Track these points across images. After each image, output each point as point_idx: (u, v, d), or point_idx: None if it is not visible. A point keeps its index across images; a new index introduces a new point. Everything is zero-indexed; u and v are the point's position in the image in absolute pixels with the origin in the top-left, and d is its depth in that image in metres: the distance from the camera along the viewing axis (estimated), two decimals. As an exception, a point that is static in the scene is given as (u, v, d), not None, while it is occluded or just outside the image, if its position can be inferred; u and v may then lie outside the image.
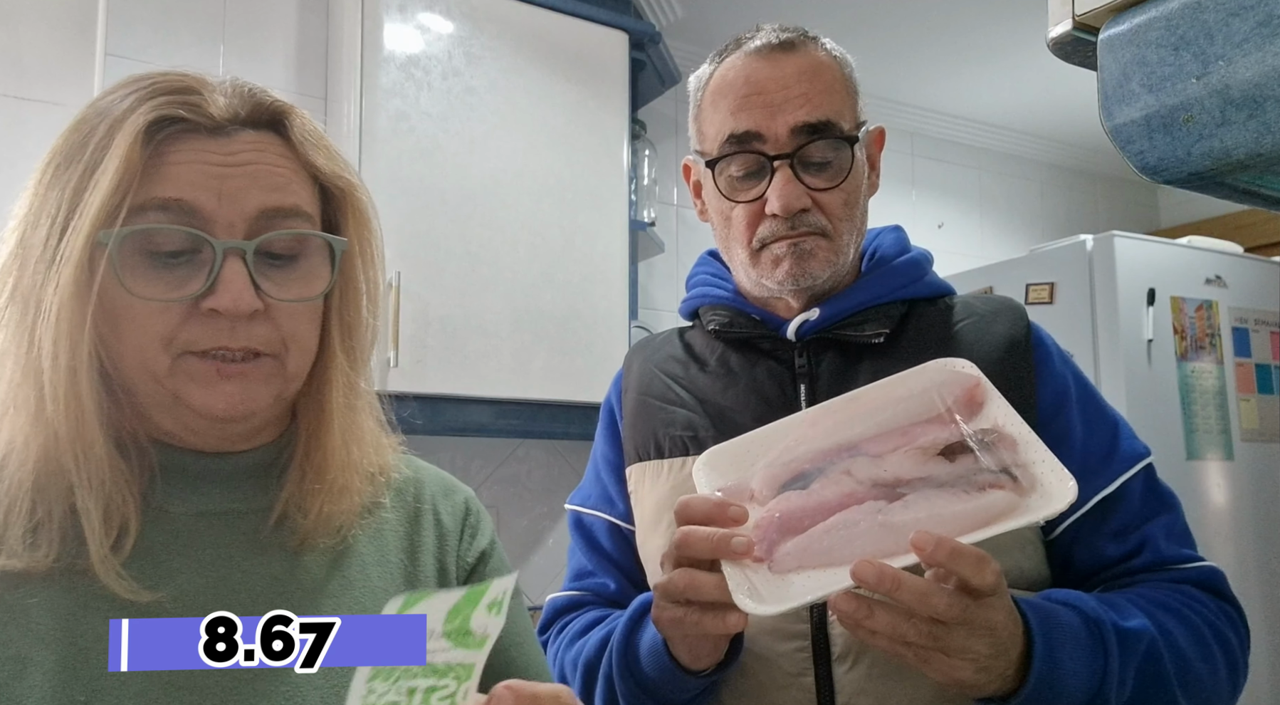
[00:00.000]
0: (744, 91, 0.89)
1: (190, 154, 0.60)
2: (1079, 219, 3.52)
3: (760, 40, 0.92)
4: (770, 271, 0.90)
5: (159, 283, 0.59)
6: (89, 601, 0.58)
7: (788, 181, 0.87)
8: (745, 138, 0.88)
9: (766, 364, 0.93)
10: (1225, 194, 0.45)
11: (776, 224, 0.88)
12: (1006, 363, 0.88)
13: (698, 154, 0.95)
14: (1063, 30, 0.46)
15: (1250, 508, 2.40)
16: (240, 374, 0.61)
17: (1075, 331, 2.35)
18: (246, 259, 0.60)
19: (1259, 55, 0.37)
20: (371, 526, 0.72)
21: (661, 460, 0.93)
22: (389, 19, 1.85)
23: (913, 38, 2.66)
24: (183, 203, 0.59)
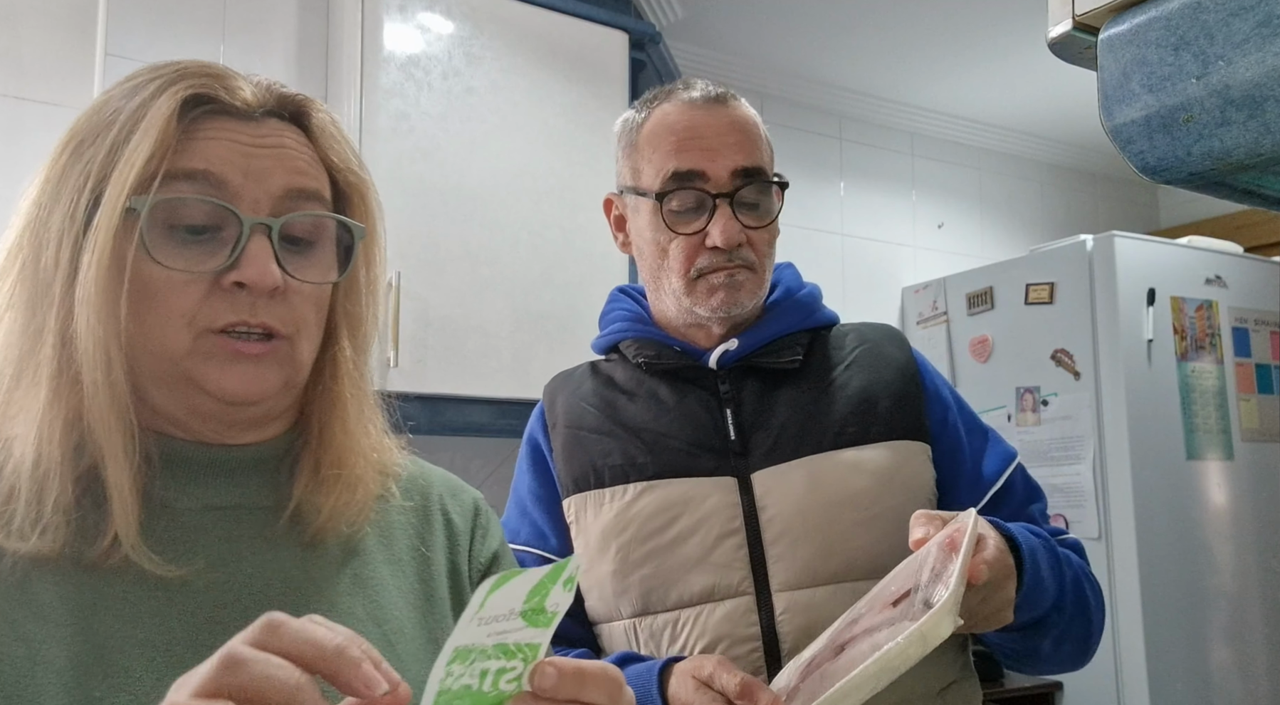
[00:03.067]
0: (685, 135, 0.98)
1: (220, 132, 0.62)
2: (1079, 219, 3.53)
3: (696, 93, 1.01)
4: (704, 299, 0.98)
5: (184, 256, 0.60)
6: (100, 595, 0.58)
7: (729, 218, 0.96)
8: (689, 176, 0.97)
9: (693, 392, 1.01)
10: (1225, 194, 0.45)
11: (716, 256, 0.97)
12: (897, 384, 1.01)
13: (630, 191, 1.03)
14: (1063, 30, 0.46)
15: (1250, 507, 2.40)
16: (255, 356, 0.62)
17: (1075, 331, 2.35)
18: (271, 236, 0.61)
19: (1259, 55, 0.37)
20: (381, 523, 0.72)
21: (603, 489, 0.98)
22: (389, 19, 1.85)
23: (913, 38, 2.66)
24: (211, 175, 0.60)
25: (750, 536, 0.93)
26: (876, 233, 3.09)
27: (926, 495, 0.98)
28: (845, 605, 0.88)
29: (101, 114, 0.61)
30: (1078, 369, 2.35)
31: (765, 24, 2.57)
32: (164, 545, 0.60)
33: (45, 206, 0.60)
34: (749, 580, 0.92)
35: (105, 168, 0.59)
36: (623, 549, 0.95)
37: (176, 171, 0.60)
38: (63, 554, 0.57)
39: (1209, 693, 2.25)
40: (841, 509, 0.93)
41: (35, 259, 0.60)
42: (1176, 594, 2.24)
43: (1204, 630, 2.27)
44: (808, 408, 0.99)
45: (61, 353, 0.58)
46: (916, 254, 3.16)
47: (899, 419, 0.99)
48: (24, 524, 0.57)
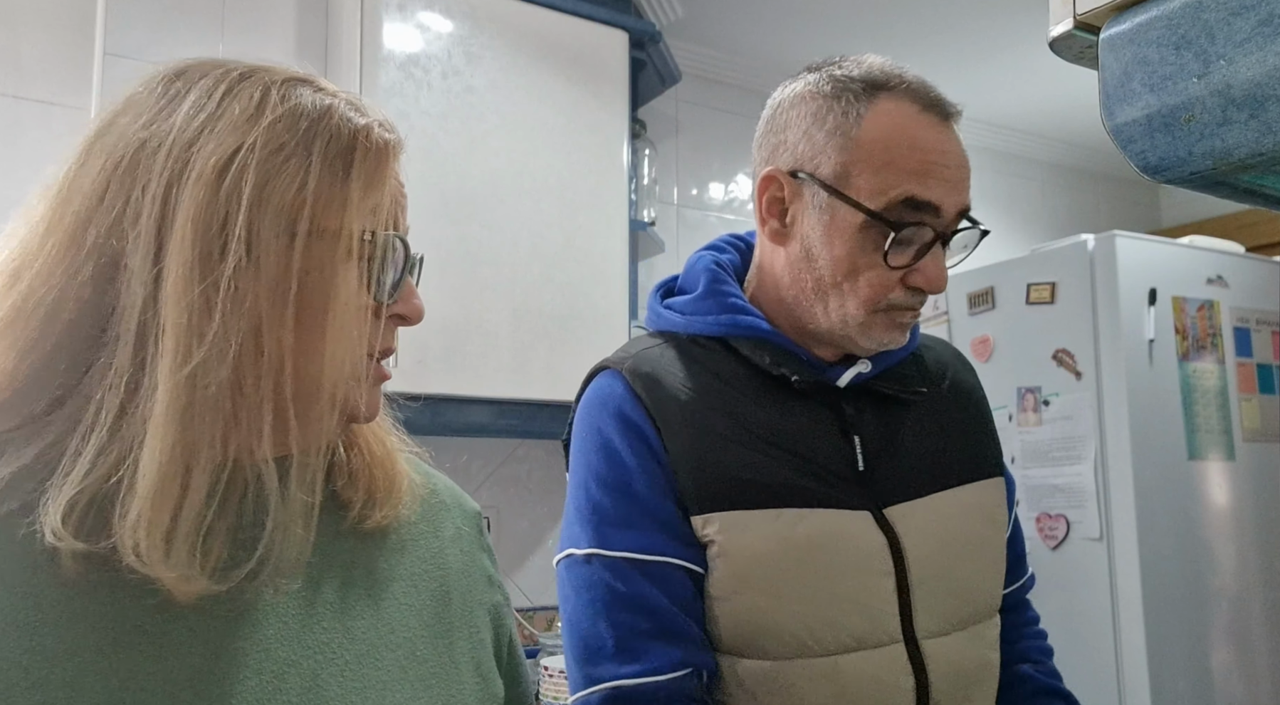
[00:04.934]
0: (934, 158, 0.85)
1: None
2: (1080, 218, 3.52)
3: (933, 96, 0.89)
4: (879, 333, 0.88)
5: (360, 289, 0.61)
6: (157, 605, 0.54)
7: (943, 263, 0.87)
8: (925, 208, 0.84)
9: (817, 408, 0.91)
10: (1226, 194, 0.45)
11: (913, 297, 0.87)
12: (981, 418, 1.00)
13: (821, 185, 0.87)
14: (1064, 29, 0.46)
15: (1252, 508, 2.40)
16: (384, 378, 0.66)
17: (1076, 331, 2.35)
18: (419, 270, 0.67)
19: (1260, 55, 0.37)
20: (394, 537, 0.69)
21: (750, 511, 0.84)
22: (388, 18, 1.85)
23: (913, 37, 2.66)
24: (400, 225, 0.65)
25: (899, 578, 0.86)
26: (877, 232, 3.09)
27: (1006, 532, 0.98)
28: (977, 651, 0.89)
29: (293, 129, 0.59)
30: (1079, 369, 2.35)
31: (766, 23, 2.56)
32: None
33: (214, 208, 0.56)
34: (899, 626, 0.85)
35: (307, 194, 0.58)
36: (776, 581, 0.83)
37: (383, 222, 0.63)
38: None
39: (1210, 693, 2.25)
40: (970, 553, 0.91)
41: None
42: (1178, 594, 2.24)
43: (1206, 630, 2.27)
44: (926, 440, 0.93)
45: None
46: (917, 254, 3.16)
47: (987, 454, 0.97)
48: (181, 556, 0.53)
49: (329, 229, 0.57)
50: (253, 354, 0.55)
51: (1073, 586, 2.27)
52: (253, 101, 0.57)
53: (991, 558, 0.94)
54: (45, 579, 0.52)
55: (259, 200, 0.55)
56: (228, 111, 0.57)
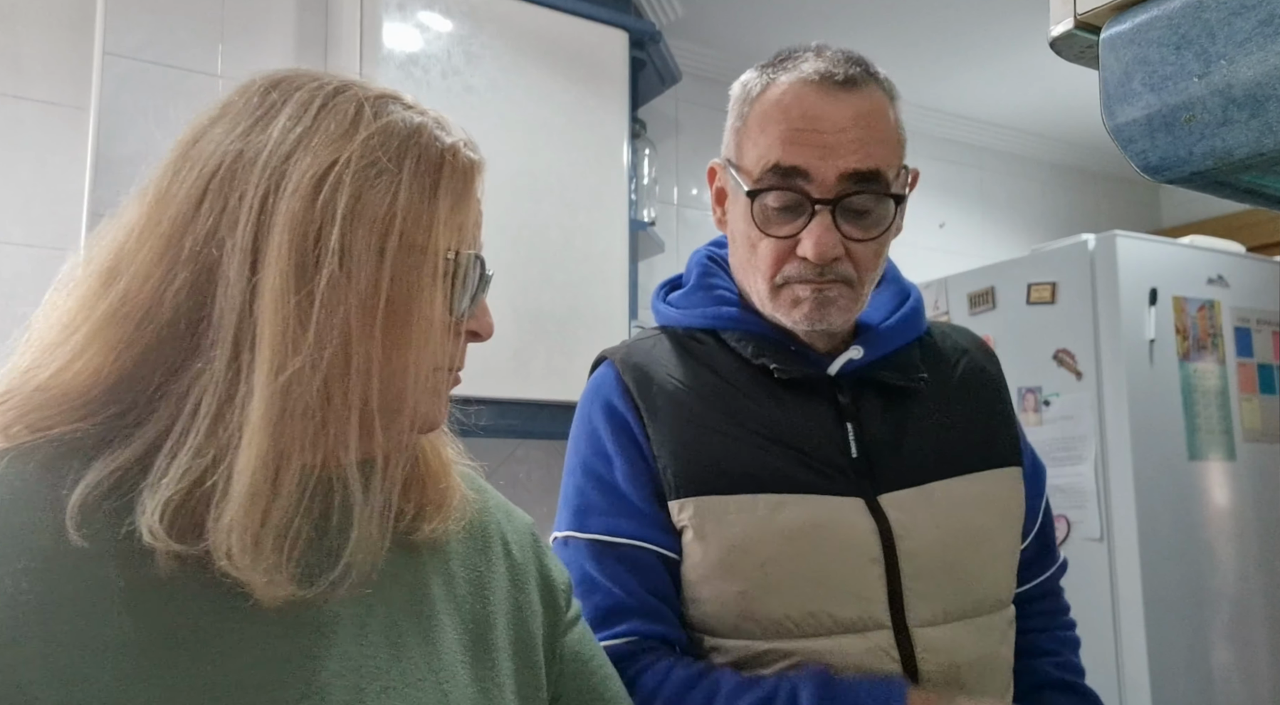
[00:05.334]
0: (798, 124, 0.84)
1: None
2: (1081, 218, 3.52)
3: (822, 67, 0.86)
4: (787, 310, 0.89)
5: (442, 302, 0.62)
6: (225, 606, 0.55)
7: (826, 229, 0.84)
8: (791, 172, 0.84)
9: (811, 400, 0.91)
10: (1227, 194, 0.45)
11: (805, 267, 0.86)
12: (998, 406, 0.98)
13: (730, 165, 0.91)
14: (1064, 29, 0.46)
15: (1252, 508, 2.40)
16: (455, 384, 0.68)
17: (1077, 331, 2.35)
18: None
19: (1261, 54, 0.37)
20: (441, 552, 0.68)
21: (728, 496, 0.86)
22: (388, 18, 1.84)
23: (913, 37, 2.66)
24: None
25: (889, 567, 0.85)
26: (877, 232, 3.09)
27: (1021, 522, 0.96)
28: (977, 643, 0.86)
29: (389, 147, 0.60)
30: (1079, 369, 2.35)
31: (766, 23, 2.56)
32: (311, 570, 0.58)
33: (312, 222, 0.57)
34: (887, 613, 0.84)
35: (415, 213, 0.60)
36: (758, 568, 0.84)
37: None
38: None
39: (1211, 693, 2.24)
40: (975, 543, 0.89)
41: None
42: (1178, 594, 2.24)
43: (1206, 631, 2.27)
44: (929, 428, 0.92)
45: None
46: (918, 253, 3.15)
47: (1003, 442, 0.95)
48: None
49: (417, 244, 0.58)
50: (342, 365, 0.56)
51: (1073, 587, 2.26)
52: (347, 117, 0.59)
53: (1000, 549, 0.92)
54: (120, 575, 0.52)
55: (352, 214, 0.56)
56: (323, 126, 0.58)
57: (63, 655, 0.49)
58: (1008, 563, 0.93)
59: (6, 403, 0.55)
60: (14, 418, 0.55)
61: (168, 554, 0.52)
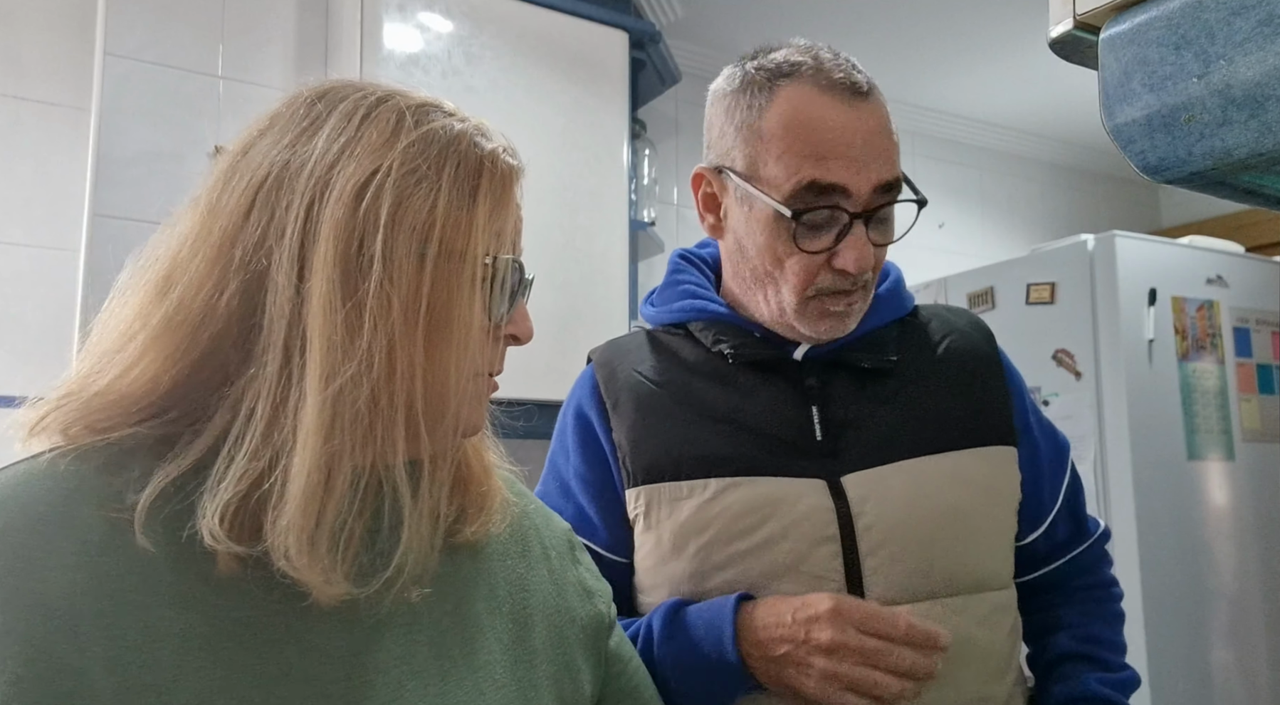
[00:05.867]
0: (830, 138, 0.84)
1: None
2: (1080, 218, 3.52)
3: (838, 77, 0.87)
4: (814, 322, 0.89)
5: (479, 312, 0.63)
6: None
7: (864, 242, 0.86)
8: (829, 191, 0.84)
9: (776, 384, 0.92)
10: (1226, 194, 0.45)
11: (839, 279, 0.87)
12: (989, 383, 0.95)
13: (741, 178, 0.89)
14: (1063, 29, 0.46)
15: (1251, 508, 2.40)
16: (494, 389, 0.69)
17: (1076, 331, 2.35)
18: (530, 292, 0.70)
19: (1260, 55, 0.37)
20: (480, 554, 0.70)
21: (680, 482, 0.88)
22: (388, 18, 1.85)
23: (913, 37, 2.66)
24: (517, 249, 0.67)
25: (845, 545, 0.85)
26: (877, 232, 3.09)
27: (1014, 505, 0.93)
28: (944, 623, 0.83)
29: (428, 153, 0.61)
30: (1079, 369, 2.35)
31: (766, 23, 2.56)
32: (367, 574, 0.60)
33: (354, 228, 0.58)
34: (844, 592, 0.84)
35: (452, 218, 0.61)
36: (704, 549, 0.86)
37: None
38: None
39: (1210, 693, 2.24)
40: (945, 521, 0.87)
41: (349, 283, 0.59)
42: (1177, 594, 2.24)
43: (1205, 630, 2.27)
44: (902, 407, 0.91)
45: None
46: (917, 253, 3.16)
47: (991, 422, 0.92)
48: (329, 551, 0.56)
49: (456, 250, 0.59)
50: (387, 370, 0.57)
51: (1072, 586, 2.27)
52: (389, 125, 0.60)
53: (977, 529, 0.89)
54: (173, 570, 0.54)
55: (393, 221, 0.57)
56: (366, 135, 0.59)
57: (121, 645, 0.51)
58: (989, 543, 0.90)
59: (65, 406, 0.57)
60: (74, 419, 0.57)
61: (228, 556, 0.54)
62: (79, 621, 0.51)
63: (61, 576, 0.51)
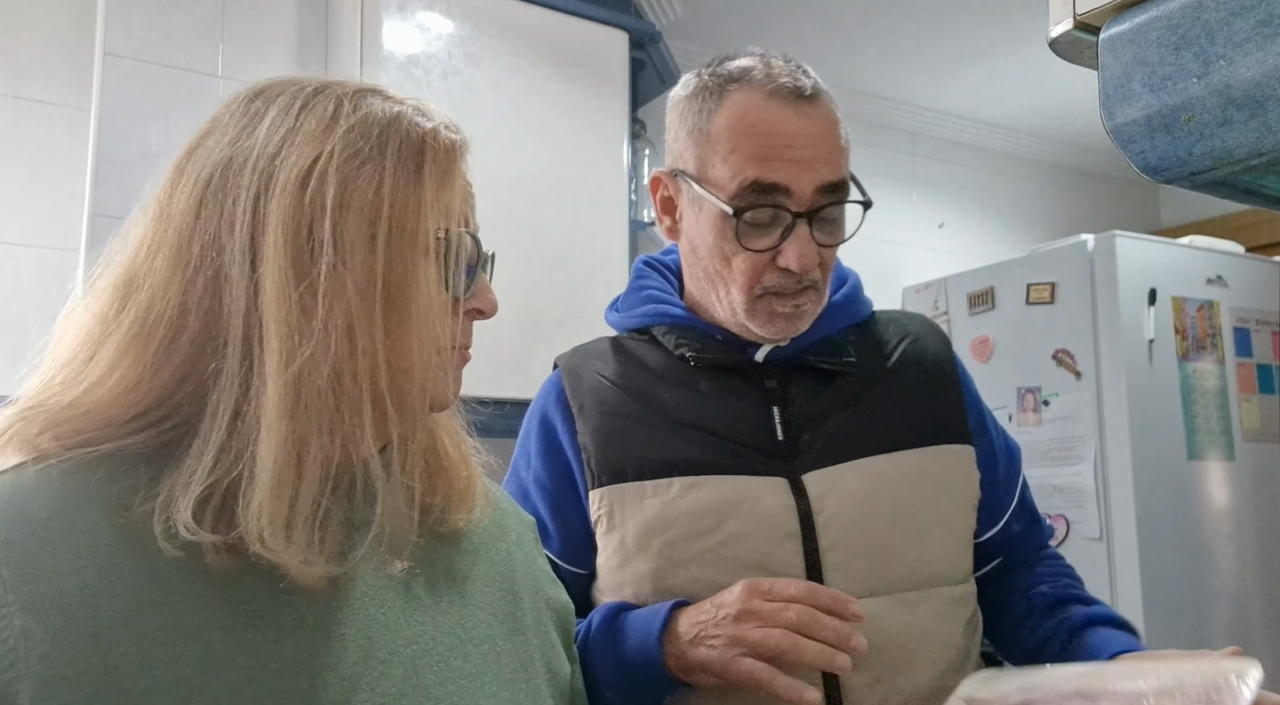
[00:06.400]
0: (775, 140, 0.87)
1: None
2: (1080, 219, 3.52)
3: (783, 82, 0.89)
4: (765, 322, 0.92)
5: (438, 286, 0.63)
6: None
7: (807, 241, 0.88)
8: (771, 189, 0.87)
9: (737, 386, 0.94)
10: (1226, 194, 0.45)
11: (786, 278, 0.90)
12: (943, 384, 0.98)
13: (693, 180, 0.93)
14: (1064, 29, 0.46)
15: (1251, 508, 2.40)
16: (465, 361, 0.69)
17: (1076, 331, 2.35)
18: (490, 267, 0.70)
19: (1260, 55, 0.37)
20: (472, 538, 0.72)
21: (644, 482, 0.90)
22: (388, 18, 1.85)
23: (913, 37, 2.66)
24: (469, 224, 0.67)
25: (806, 541, 0.87)
26: (877, 232, 3.09)
27: (973, 502, 0.95)
28: (899, 618, 0.86)
29: (368, 136, 0.62)
30: (1079, 369, 2.35)
31: (766, 23, 2.56)
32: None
33: (304, 219, 0.60)
34: None
35: (400, 198, 0.62)
36: (667, 547, 0.88)
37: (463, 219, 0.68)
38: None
39: (1210, 693, 2.25)
40: (900, 517, 0.89)
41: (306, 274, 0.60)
42: (1178, 594, 2.24)
43: (1206, 631, 2.27)
44: (859, 408, 0.93)
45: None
46: (917, 254, 3.16)
47: (945, 421, 0.95)
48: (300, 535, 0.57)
49: (406, 228, 0.60)
50: (348, 351, 0.58)
51: (1072, 586, 2.28)
52: (327, 113, 0.61)
53: (934, 523, 0.90)
54: (183, 568, 0.55)
55: (340, 205, 0.58)
56: (305, 124, 0.60)
57: (146, 642, 0.52)
58: (945, 538, 0.92)
59: (30, 417, 0.57)
60: (41, 429, 0.57)
61: (214, 547, 0.55)
62: (100, 623, 0.52)
63: (75, 580, 0.52)
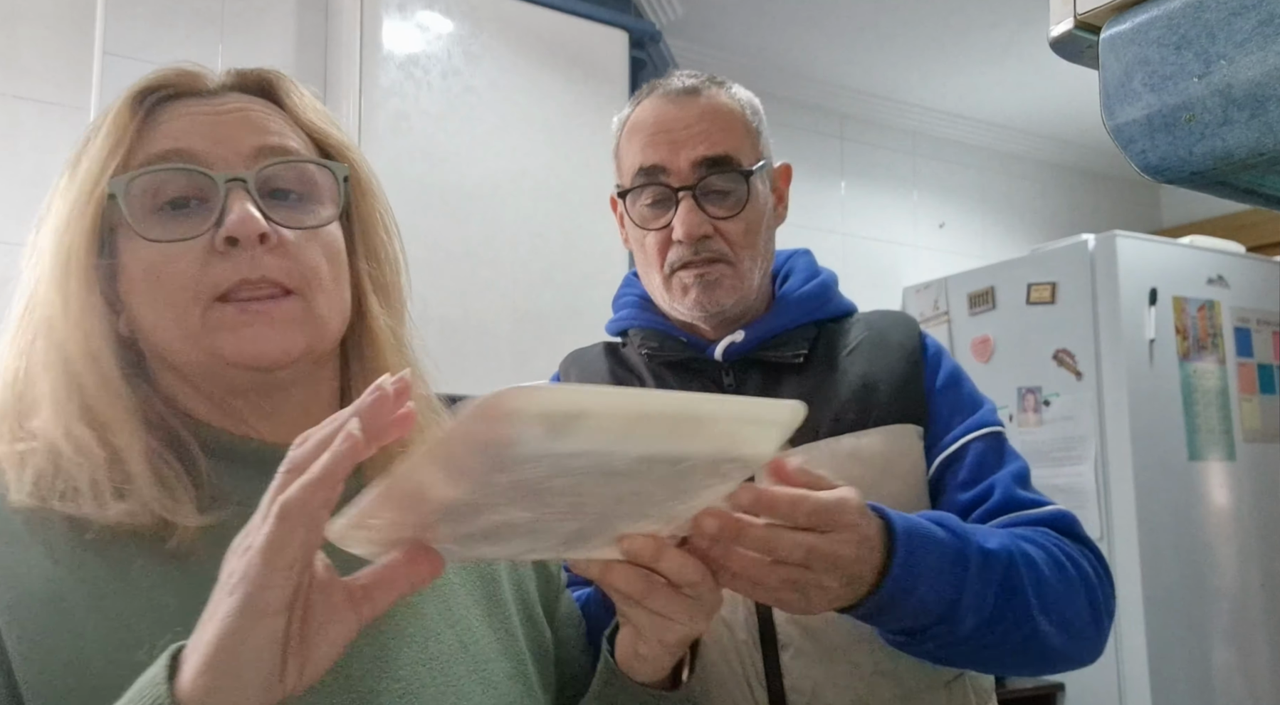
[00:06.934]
0: (652, 129, 0.98)
1: (181, 111, 0.63)
2: (1081, 218, 3.52)
3: (673, 85, 1.00)
4: (680, 298, 0.97)
5: (171, 230, 0.60)
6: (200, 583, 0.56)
7: (690, 210, 0.95)
8: (653, 171, 0.97)
9: (696, 383, 1.00)
10: (1227, 194, 0.45)
11: (682, 250, 0.96)
12: (899, 369, 0.98)
13: (617, 187, 1.04)
14: (1064, 29, 0.46)
15: (1252, 508, 2.40)
16: (265, 313, 0.60)
17: (1077, 331, 2.35)
18: (249, 187, 0.61)
19: (1261, 54, 0.37)
20: None
21: None
22: (388, 18, 1.85)
23: (914, 37, 2.66)
24: (180, 152, 0.61)
25: None
26: (878, 232, 3.09)
27: (917, 477, 0.95)
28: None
29: (85, 132, 0.64)
30: (1079, 369, 2.35)
31: (766, 23, 2.56)
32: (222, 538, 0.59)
33: (48, 221, 0.63)
34: None
35: (76, 168, 0.62)
36: None
37: (148, 158, 0.61)
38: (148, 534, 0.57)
39: (1211, 693, 2.24)
40: None
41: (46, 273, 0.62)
42: (1179, 594, 2.24)
43: (1206, 631, 2.27)
44: (807, 397, 0.92)
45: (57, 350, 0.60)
46: (918, 254, 3.16)
47: (897, 404, 0.96)
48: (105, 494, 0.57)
49: (95, 192, 0.60)
50: (108, 333, 0.60)
51: (1073, 587, 2.27)
52: (105, 112, 0.64)
53: (879, 500, 0.85)
54: (159, 555, 0.57)
55: (61, 200, 0.62)
56: (100, 125, 0.64)
57: (117, 627, 0.53)
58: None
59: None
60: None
61: (66, 517, 0.56)
62: (71, 612, 0.53)
63: (40, 573, 0.54)
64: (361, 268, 0.69)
